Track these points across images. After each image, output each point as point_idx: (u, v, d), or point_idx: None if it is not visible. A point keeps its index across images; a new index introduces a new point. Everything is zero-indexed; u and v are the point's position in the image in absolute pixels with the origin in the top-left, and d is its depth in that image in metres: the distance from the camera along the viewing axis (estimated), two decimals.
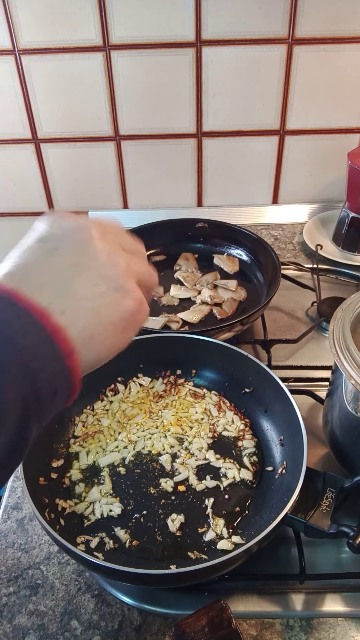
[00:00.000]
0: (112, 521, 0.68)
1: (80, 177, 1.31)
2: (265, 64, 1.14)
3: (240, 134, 1.24)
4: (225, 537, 0.66)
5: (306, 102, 1.19)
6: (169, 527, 0.67)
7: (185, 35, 1.11)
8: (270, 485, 0.71)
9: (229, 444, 0.77)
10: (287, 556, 0.68)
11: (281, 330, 1.02)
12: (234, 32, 1.10)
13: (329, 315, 0.98)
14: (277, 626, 0.62)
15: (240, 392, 0.82)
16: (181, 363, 0.86)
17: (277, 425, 0.76)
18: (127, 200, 1.35)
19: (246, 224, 1.32)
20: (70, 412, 0.80)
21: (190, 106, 1.20)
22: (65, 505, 0.69)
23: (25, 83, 1.17)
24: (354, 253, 1.18)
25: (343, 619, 0.63)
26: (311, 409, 0.85)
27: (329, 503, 0.60)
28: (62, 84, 1.17)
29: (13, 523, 0.74)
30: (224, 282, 1.07)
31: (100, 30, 1.10)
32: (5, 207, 1.36)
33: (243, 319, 0.89)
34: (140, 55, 1.13)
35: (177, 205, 1.35)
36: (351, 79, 1.16)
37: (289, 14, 1.07)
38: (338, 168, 1.27)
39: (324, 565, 0.67)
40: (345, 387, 0.66)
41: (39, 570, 0.68)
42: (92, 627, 0.63)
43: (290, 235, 1.30)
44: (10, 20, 1.09)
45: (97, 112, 1.21)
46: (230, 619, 0.54)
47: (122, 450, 0.76)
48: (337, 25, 1.09)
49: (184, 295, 1.05)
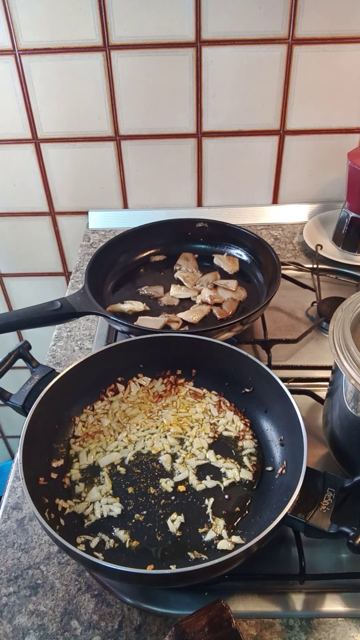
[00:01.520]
0: (112, 521, 0.68)
1: (80, 177, 1.31)
2: (265, 64, 1.14)
3: (240, 134, 1.24)
4: (225, 537, 0.66)
5: (306, 102, 1.19)
6: (169, 527, 0.67)
7: (185, 35, 1.11)
8: (270, 485, 0.71)
9: (229, 444, 0.77)
10: (287, 556, 0.68)
11: (281, 330, 1.02)
12: (234, 32, 1.10)
13: (329, 315, 0.98)
14: (277, 626, 0.62)
15: (240, 392, 0.82)
16: (181, 363, 0.86)
17: (277, 425, 0.76)
18: (127, 200, 1.35)
19: (246, 224, 1.32)
20: (70, 412, 0.80)
21: (190, 106, 1.20)
22: (65, 505, 0.69)
23: (25, 83, 1.17)
24: (354, 253, 1.18)
25: (343, 619, 0.63)
26: (311, 409, 0.85)
27: (329, 503, 0.60)
28: (62, 84, 1.17)
29: (13, 523, 0.74)
30: (224, 282, 1.07)
31: (100, 30, 1.10)
32: (5, 207, 1.36)
33: (243, 319, 0.89)
34: (140, 55, 1.13)
35: (177, 205, 1.35)
36: (351, 79, 1.16)
37: (289, 14, 1.07)
38: (338, 168, 1.27)
39: (324, 565, 0.67)
40: (345, 387, 0.66)
41: (39, 570, 0.68)
42: (92, 627, 0.63)
43: (290, 235, 1.30)
44: (10, 20, 1.09)
45: (97, 112, 1.21)
46: (230, 619, 0.54)
47: (122, 450, 0.76)
48: (337, 25, 1.09)
49: (184, 295, 1.05)
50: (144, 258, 1.16)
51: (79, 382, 0.78)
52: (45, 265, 1.47)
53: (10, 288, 1.53)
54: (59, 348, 1.02)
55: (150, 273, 1.13)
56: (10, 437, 1.89)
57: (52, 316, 0.89)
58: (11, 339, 1.60)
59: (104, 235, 1.34)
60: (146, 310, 1.01)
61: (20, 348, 0.79)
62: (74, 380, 0.77)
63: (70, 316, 0.91)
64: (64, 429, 0.78)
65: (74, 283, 1.20)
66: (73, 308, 0.91)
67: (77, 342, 1.03)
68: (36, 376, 0.78)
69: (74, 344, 1.03)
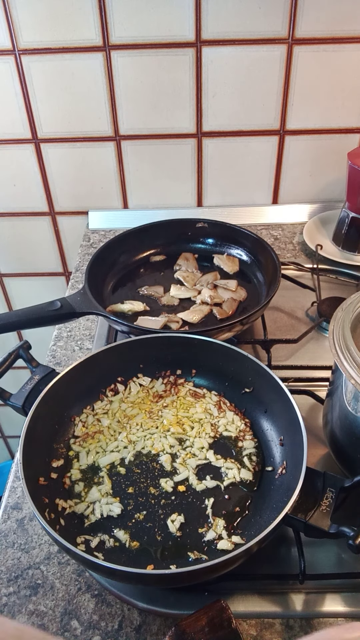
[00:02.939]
0: (112, 521, 0.68)
1: (80, 177, 1.31)
2: (265, 64, 1.14)
3: (240, 134, 1.24)
4: (225, 537, 0.66)
5: (306, 102, 1.19)
6: (169, 527, 0.67)
7: (185, 35, 1.11)
8: (270, 485, 0.71)
9: (229, 444, 0.77)
10: (287, 556, 0.68)
11: (281, 330, 1.02)
12: (234, 32, 1.10)
13: (329, 315, 0.98)
14: (277, 626, 0.62)
15: (240, 392, 0.82)
16: (181, 363, 0.86)
17: (277, 425, 0.76)
18: (127, 200, 1.35)
19: (246, 224, 1.32)
20: (70, 412, 0.80)
21: (190, 106, 1.20)
22: (65, 505, 0.69)
23: (25, 83, 1.17)
24: (354, 253, 1.18)
25: (343, 619, 0.63)
26: (311, 409, 0.85)
27: (329, 503, 0.60)
28: (62, 84, 1.17)
29: (13, 523, 0.74)
30: (224, 282, 1.07)
31: (100, 30, 1.10)
32: (5, 207, 1.36)
33: (243, 319, 0.89)
34: (140, 55, 1.13)
35: (177, 205, 1.35)
36: (351, 79, 1.15)
37: (289, 14, 1.07)
38: (338, 168, 1.27)
39: (324, 565, 0.67)
40: (345, 387, 0.66)
41: (39, 570, 0.68)
42: (92, 627, 0.63)
43: (290, 235, 1.30)
44: (10, 20, 1.09)
45: (97, 112, 1.21)
46: (230, 619, 0.54)
47: (122, 450, 0.76)
48: (337, 25, 1.09)
49: (184, 295, 1.05)
50: (144, 258, 1.16)
51: (79, 382, 0.78)
52: (45, 265, 1.47)
53: (10, 288, 1.53)
54: (59, 348, 1.02)
55: (150, 273, 1.13)
56: (10, 437, 1.89)
57: (52, 316, 0.89)
58: (11, 339, 1.60)
59: (104, 235, 1.34)
60: (146, 310, 1.01)
61: (20, 348, 0.79)
62: (74, 380, 0.77)
63: (70, 316, 0.91)
64: (64, 429, 0.78)
65: (74, 283, 1.20)
66: (73, 308, 0.91)
67: (77, 342, 1.03)
68: (36, 376, 0.78)
69: (74, 344, 1.03)
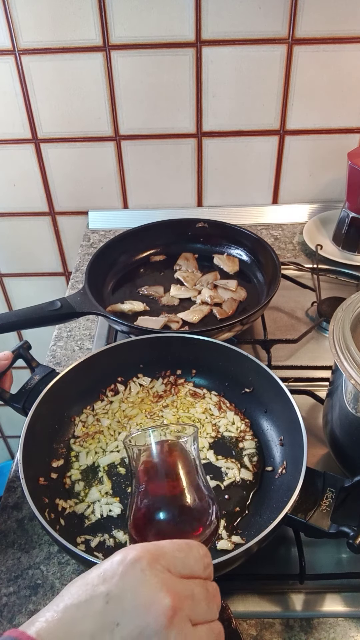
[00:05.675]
0: (112, 521, 0.68)
1: (80, 177, 1.31)
2: (265, 64, 1.14)
3: (240, 134, 1.24)
4: (225, 537, 0.66)
5: (306, 102, 1.19)
6: None
7: (185, 35, 1.11)
8: (270, 485, 0.71)
9: (229, 444, 0.77)
10: (287, 556, 0.68)
11: (281, 330, 1.02)
12: (234, 32, 1.10)
13: (329, 315, 0.98)
14: (277, 626, 0.62)
15: (240, 392, 0.82)
16: (181, 363, 0.86)
17: (277, 425, 0.76)
18: (127, 200, 1.35)
19: (246, 224, 1.32)
20: (70, 412, 0.80)
21: (190, 106, 1.20)
22: (65, 505, 0.69)
23: (25, 83, 1.17)
24: (354, 253, 1.18)
25: (343, 619, 0.63)
26: (311, 409, 0.85)
27: (329, 503, 0.60)
28: (62, 84, 1.17)
29: (13, 523, 0.74)
30: (224, 282, 1.07)
31: (100, 30, 1.10)
32: (5, 207, 1.36)
33: (243, 319, 0.89)
34: (140, 55, 1.13)
35: (177, 205, 1.35)
36: (351, 79, 1.15)
37: (289, 14, 1.07)
38: (338, 168, 1.27)
39: (324, 565, 0.67)
40: (345, 387, 0.66)
41: (39, 570, 0.68)
42: None
43: (290, 235, 1.30)
44: (10, 20, 1.09)
45: (97, 112, 1.21)
46: (230, 619, 0.53)
47: (122, 451, 0.76)
48: (337, 25, 1.09)
49: (184, 295, 1.05)
50: (144, 258, 1.16)
51: (79, 382, 0.78)
52: (45, 265, 1.47)
53: (10, 288, 1.53)
54: (59, 348, 1.02)
55: (150, 273, 1.13)
56: (10, 437, 1.89)
57: (52, 316, 0.89)
58: (11, 339, 1.60)
59: (104, 235, 1.34)
60: (146, 310, 1.01)
61: (20, 348, 0.79)
62: (74, 380, 0.77)
63: (70, 316, 0.91)
64: (64, 429, 0.78)
65: (74, 283, 1.20)
66: (73, 308, 0.91)
67: (77, 342, 1.03)
68: (36, 376, 0.78)
69: (74, 344, 1.03)
